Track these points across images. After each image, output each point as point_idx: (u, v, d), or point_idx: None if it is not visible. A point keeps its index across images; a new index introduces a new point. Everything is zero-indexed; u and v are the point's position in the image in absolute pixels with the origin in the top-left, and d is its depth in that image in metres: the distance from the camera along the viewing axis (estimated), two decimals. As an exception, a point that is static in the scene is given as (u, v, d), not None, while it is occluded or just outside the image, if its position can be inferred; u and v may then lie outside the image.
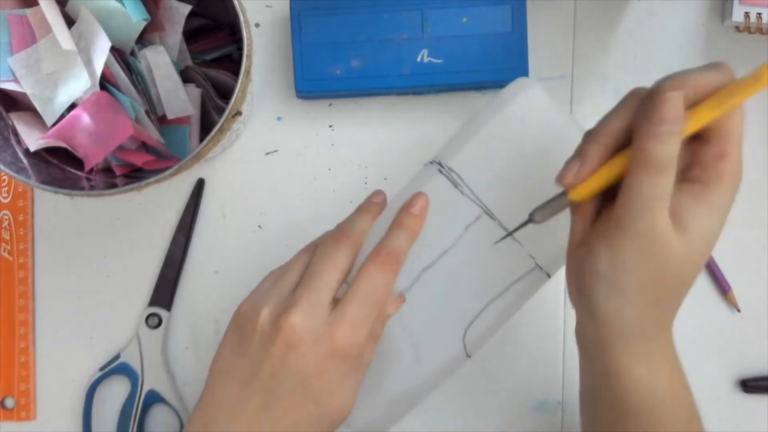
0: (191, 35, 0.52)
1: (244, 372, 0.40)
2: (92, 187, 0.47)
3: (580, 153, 0.38)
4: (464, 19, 0.52)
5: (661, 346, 0.40)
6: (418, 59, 0.52)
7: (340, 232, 0.43)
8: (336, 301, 0.41)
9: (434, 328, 0.47)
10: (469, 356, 0.48)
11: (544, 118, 0.46)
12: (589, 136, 0.39)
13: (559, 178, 0.39)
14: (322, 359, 0.39)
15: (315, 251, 0.43)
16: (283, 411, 0.39)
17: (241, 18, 0.44)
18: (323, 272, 0.41)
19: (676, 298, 0.39)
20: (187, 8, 0.49)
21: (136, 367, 0.55)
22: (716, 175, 0.37)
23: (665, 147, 0.35)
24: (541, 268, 0.46)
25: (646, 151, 0.35)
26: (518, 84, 0.48)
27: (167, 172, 0.43)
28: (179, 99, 0.49)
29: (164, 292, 0.55)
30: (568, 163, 0.38)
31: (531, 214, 0.41)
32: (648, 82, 0.55)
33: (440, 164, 0.47)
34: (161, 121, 0.50)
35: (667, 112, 0.35)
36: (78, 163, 0.47)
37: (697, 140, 0.38)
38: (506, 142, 0.46)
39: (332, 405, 0.40)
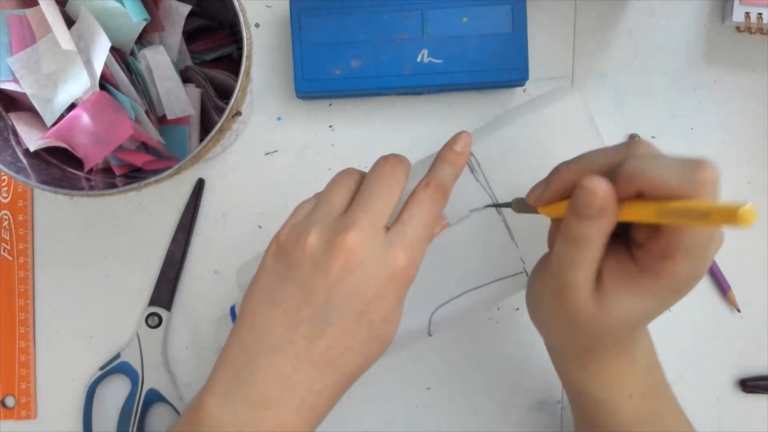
0: (191, 35, 0.52)
1: (293, 298, 0.37)
2: (92, 187, 0.47)
3: (548, 179, 0.39)
4: (464, 19, 0.52)
5: (596, 362, 0.40)
6: (418, 59, 0.52)
7: (394, 156, 0.41)
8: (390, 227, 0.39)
9: (408, 296, 0.46)
10: (430, 335, 0.47)
11: (576, 130, 0.45)
12: (563, 165, 0.38)
13: (527, 195, 0.40)
14: (383, 282, 0.37)
15: (368, 174, 0.40)
16: (334, 338, 0.37)
17: (241, 18, 0.44)
18: (379, 194, 0.38)
19: (594, 349, 0.39)
20: (187, 8, 0.49)
21: (137, 367, 0.55)
22: (655, 270, 0.35)
23: (584, 227, 0.34)
24: (527, 274, 0.46)
25: (566, 223, 0.35)
26: (562, 91, 0.48)
27: (167, 172, 0.43)
28: (179, 99, 0.49)
29: (164, 292, 0.55)
30: (537, 184, 0.39)
31: (513, 200, 0.42)
32: (647, 82, 0.56)
33: None
34: (161, 121, 0.50)
35: (587, 200, 0.34)
36: (78, 163, 0.47)
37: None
38: (532, 143, 0.46)
39: (385, 330, 0.38)
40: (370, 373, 0.40)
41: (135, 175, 0.49)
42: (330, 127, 0.56)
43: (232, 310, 0.50)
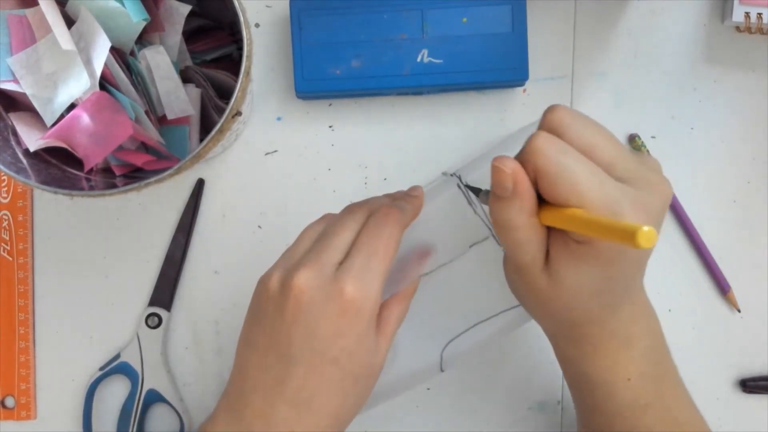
0: (191, 35, 0.52)
1: (262, 342, 0.39)
2: (92, 187, 0.47)
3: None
4: (464, 19, 0.52)
5: (590, 343, 0.40)
6: (418, 59, 0.52)
7: (356, 204, 0.43)
8: None
9: (417, 334, 0.46)
10: (442, 370, 0.48)
11: None
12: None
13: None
14: (335, 318, 0.38)
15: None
16: (303, 377, 0.38)
17: (241, 18, 0.44)
18: (333, 234, 0.40)
19: (557, 325, 0.40)
20: (187, 8, 0.49)
21: (136, 367, 0.55)
22: (586, 239, 0.35)
23: (504, 210, 0.35)
24: None
25: (490, 209, 0.36)
26: None
27: (167, 173, 0.43)
28: (179, 99, 0.49)
29: (164, 292, 0.55)
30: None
31: (482, 191, 0.42)
32: (647, 82, 0.56)
33: (460, 179, 0.47)
34: (161, 121, 0.50)
35: (499, 179, 0.34)
36: (78, 163, 0.47)
37: None
38: None
39: (355, 367, 0.38)
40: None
41: (135, 175, 0.49)
42: (330, 127, 0.56)
43: None
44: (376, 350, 0.39)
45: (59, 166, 0.48)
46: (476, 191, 0.44)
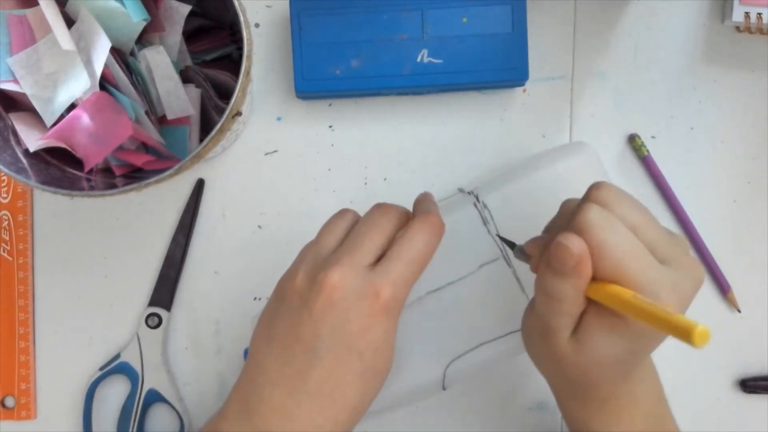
0: (191, 35, 0.52)
1: (285, 334, 0.39)
2: (92, 188, 0.47)
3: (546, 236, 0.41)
4: (464, 19, 0.52)
5: (596, 401, 0.41)
6: (418, 59, 0.52)
7: (387, 204, 0.43)
8: (376, 263, 0.40)
9: (422, 350, 0.46)
10: (444, 389, 0.47)
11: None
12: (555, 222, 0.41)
13: (526, 245, 0.41)
14: (366, 316, 0.38)
15: (360, 218, 0.42)
16: (326, 370, 0.38)
17: (241, 18, 0.44)
18: (366, 235, 0.40)
19: (587, 388, 0.40)
20: (187, 8, 0.49)
21: (137, 367, 0.55)
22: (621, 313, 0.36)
23: (558, 284, 0.36)
24: None
25: (541, 277, 0.37)
26: (578, 146, 0.48)
27: (167, 173, 0.43)
28: (179, 99, 0.49)
29: (164, 292, 0.55)
30: (537, 238, 0.41)
31: (517, 246, 0.43)
32: (647, 82, 0.56)
33: (477, 197, 0.47)
34: (161, 121, 0.50)
35: (562, 256, 0.35)
36: (78, 163, 0.47)
37: None
38: (546, 198, 0.46)
39: (377, 361, 0.39)
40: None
41: (135, 175, 0.49)
42: (330, 127, 0.56)
43: (245, 352, 0.50)
44: (393, 348, 0.40)
45: (59, 166, 0.48)
46: (511, 245, 0.44)
